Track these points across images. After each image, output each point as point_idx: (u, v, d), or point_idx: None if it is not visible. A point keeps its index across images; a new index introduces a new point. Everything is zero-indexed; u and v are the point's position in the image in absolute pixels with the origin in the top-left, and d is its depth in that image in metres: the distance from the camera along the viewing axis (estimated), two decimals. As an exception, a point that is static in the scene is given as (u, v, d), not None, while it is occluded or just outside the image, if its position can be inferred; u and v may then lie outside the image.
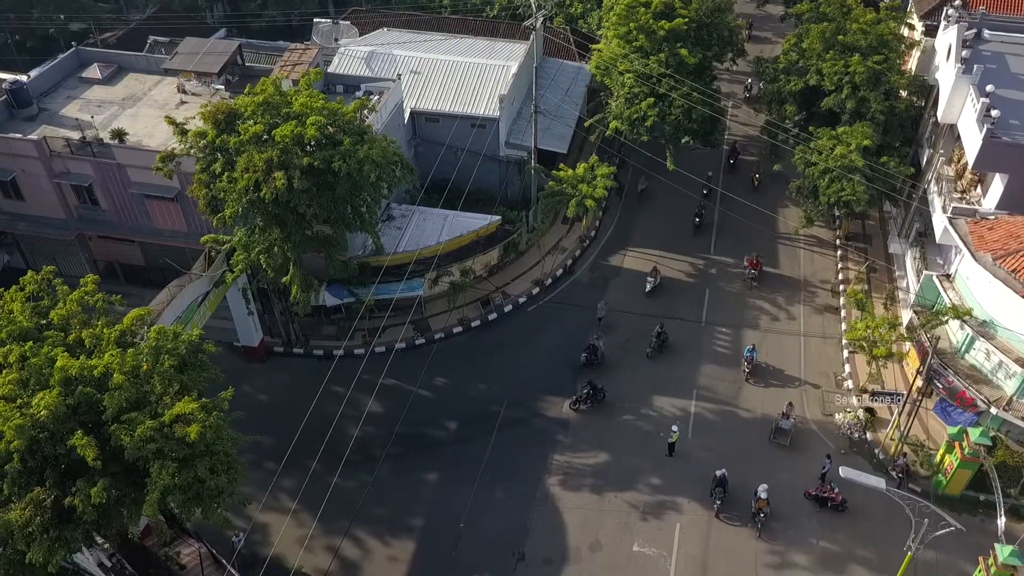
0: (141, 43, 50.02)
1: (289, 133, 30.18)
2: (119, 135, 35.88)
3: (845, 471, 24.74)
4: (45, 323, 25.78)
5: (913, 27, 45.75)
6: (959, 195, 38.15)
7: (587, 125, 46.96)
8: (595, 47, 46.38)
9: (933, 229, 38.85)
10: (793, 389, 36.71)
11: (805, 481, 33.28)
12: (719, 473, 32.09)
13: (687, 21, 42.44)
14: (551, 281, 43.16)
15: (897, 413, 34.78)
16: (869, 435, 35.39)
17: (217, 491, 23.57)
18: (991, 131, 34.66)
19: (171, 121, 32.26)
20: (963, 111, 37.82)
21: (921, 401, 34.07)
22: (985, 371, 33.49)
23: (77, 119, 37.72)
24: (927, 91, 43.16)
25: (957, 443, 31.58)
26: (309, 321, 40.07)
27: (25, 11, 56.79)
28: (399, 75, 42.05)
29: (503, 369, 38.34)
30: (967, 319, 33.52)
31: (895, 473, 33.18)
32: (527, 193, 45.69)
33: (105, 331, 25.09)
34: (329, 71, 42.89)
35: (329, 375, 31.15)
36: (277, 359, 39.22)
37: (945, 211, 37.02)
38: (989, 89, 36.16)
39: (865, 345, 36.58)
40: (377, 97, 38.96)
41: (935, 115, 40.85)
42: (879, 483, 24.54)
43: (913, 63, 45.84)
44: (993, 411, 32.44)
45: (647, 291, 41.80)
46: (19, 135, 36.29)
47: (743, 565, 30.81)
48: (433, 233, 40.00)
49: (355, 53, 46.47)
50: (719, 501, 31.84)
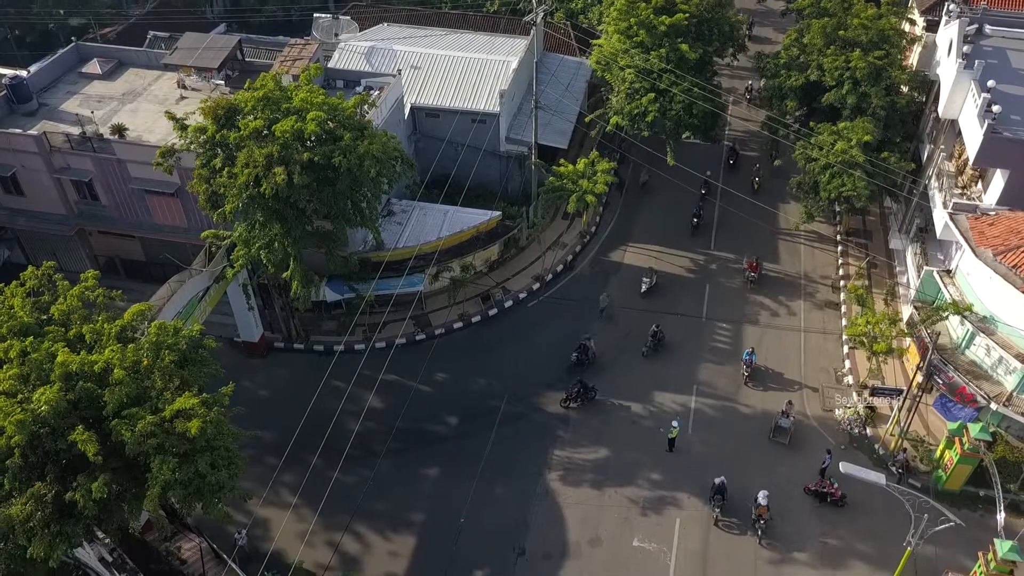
0: (141, 38, 49.98)
1: (289, 128, 30.15)
2: (119, 130, 35.85)
3: (845, 466, 24.78)
4: (46, 318, 25.81)
5: (914, 22, 45.66)
6: (960, 191, 38.11)
7: (587, 120, 46.94)
8: (596, 42, 46.31)
9: (934, 225, 38.84)
10: (793, 393, 36.58)
11: (805, 476, 33.29)
12: (718, 481, 31.78)
13: (688, 16, 42.37)
14: (551, 277, 43.16)
15: (897, 409, 34.79)
16: (869, 431, 35.41)
17: (218, 486, 23.61)
18: (992, 127, 34.63)
19: (171, 116, 32.25)
20: (964, 107, 37.78)
21: (921, 397, 34.09)
22: (985, 367, 33.51)
23: (77, 114, 37.66)
24: (928, 87, 43.11)
25: (957, 439, 31.61)
26: (309, 316, 40.10)
27: (25, 6, 56.72)
28: (399, 70, 42.02)
29: (503, 364, 38.36)
30: (967, 315, 33.52)
31: (895, 468, 33.22)
32: (527, 189, 45.69)
33: (106, 326, 25.13)
34: (329, 66, 42.90)
35: (329, 370, 31.24)
36: (277, 354, 39.26)
37: (946, 207, 37.02)
38: (990, 84, 36.15)
39: (865, 341, 36.60)
40: (377, 92, 38.91)
41: (936, 111, 40.80)
42: (879, 478, 24.59)
43: (914, 58, 45.77)
44: (993, 407, 32.47)
45: (643, 292, 41.57)
46: (19, 130, 36.25)
47: (743, 560, 30.86)
48: (433, 229, 39.99)
49: (355, 48, 46.42)
50: (718, 509, 31.60)
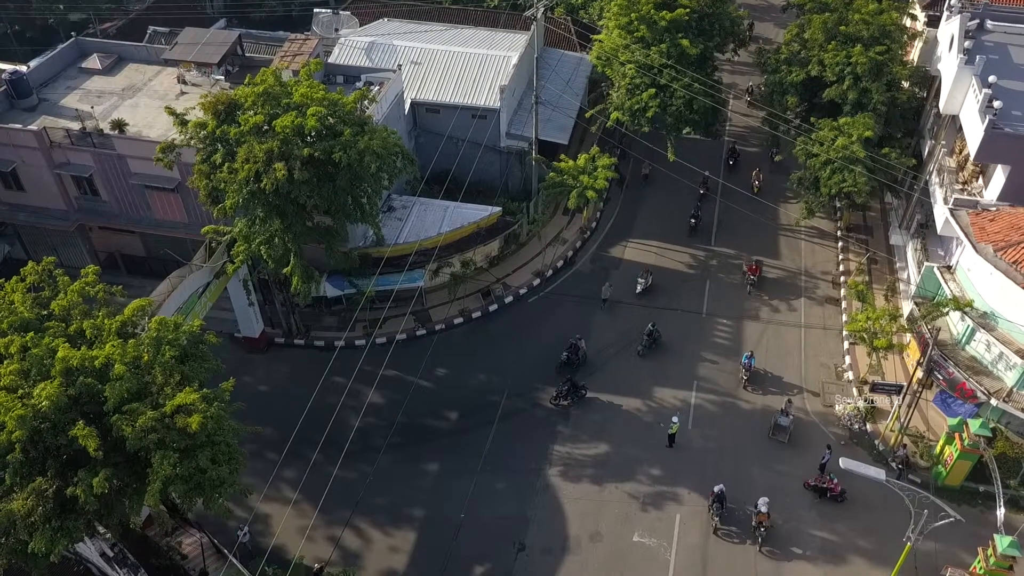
0: (141, 33, 49.96)
1: (289, 124, 30.11)
2: (119, 126, 35.85)
3: (845, 462, 24.82)
4: (46, 314, 25.82)
5: (915, 17, 45.53)
6: (960, 186, 38.07)
7: (588, 116, 46.86)
8: (596, 37, 46.21)
9: (934, 220, 38.78)
10: (793, 395, 36.49)
11: (805, 472, 33.34)
12: (717, 489, 31.54)
13: (688, 11, 42.28)
14: (552, 273, 43.14)
15: (897, 404, 34.82)
16: (869, 426, 35.43)
17: (218, 481, 23.65)
18: (993, 122, 34.56)
19: (171, 112, 32.21)
20: (965, 102, 37.70)
21: (921, 392, 34.11)
22: (985, 362, 33.51)
23: (77, 109, 37.66)
24: (929, 82, 43.01)
25: (957, 434, 31.64)
26: (310, 312, 40.12)
27: (25, 1, 56.63)
28: (399, 65, 41.96)
29: (503, 360, 38.37)
30: (968, 310, 33.51)
31: (895, 464, 33.25)
32: (528, 184, 45.66)
33: (106, 322, 25.15)
34: (329, 61, 42.86)
35: (330, 366, 31.21)
36: (278, 350, 39.27)
37: (946, 202, 36.97)
38: (991, 80, 36.02)
39: (866, 336, 36.65)
40: (377, 88, 38.85)
41: (937, 106, 40.73)
42: (879, 474, 24.63)
43: (915, 54, 45.65)
44: (993, 402, 32.47)
45: (637, 292, 41.24)
46: (19, 126, 36.24)
47: (743, 556, 30.90)
48: (434, 224, 39.97)
49: (355, 43, 46.31)
50: (717, 518, 31.35)
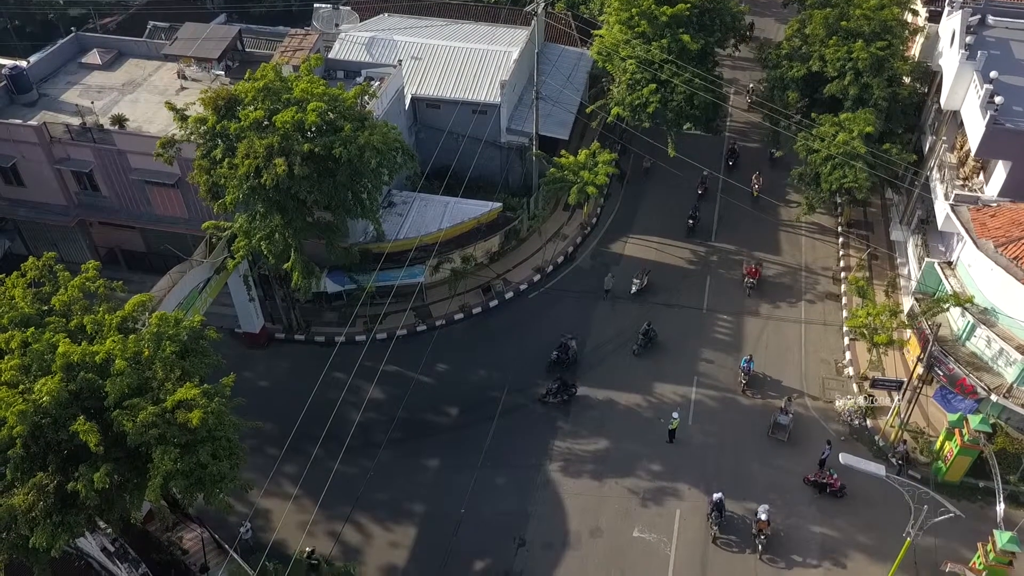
0: (141, 28, 49.79)
1: (290, 119, 30.07)
2: (119, 121, 35.76)
3: (845, 457, 24.79)
4: (47, 309, 25.78)
5: (917, 13, 45.48)
6: (961, 182, 38.02)
7: (589, 111, 46.80)
8: (597, 33, 46.14)
9: (935, 216, 38.77)
10: (793, 397, 36.41)
11: (805, 467, 33.36)
12: (715, 497, 31.38)
13: (689, 6, 42.20)
14: (552, 268, 43.13)
15: (897, 400, 34.83)
16: (869, 422, 35.46)
17: (219, 476, 23.66)
18: (994, 118, 34.52)
19: (171, 107, 32.13)
20: (966, 97, 37.65)
21: (921, 388, 34.12)
22: (986, 358, 33.52)
23: (77, 105, 37.52)
24: (930, 77, 42.97)
25: (957, 430, 31.65)
26: (310, 307, 40.11)
27: (24, -4, 56.61)
28: (400, 61, 41.87)
29: (504, 355, 38.39)
30: (968, 306, 33.50)
31: (895, 460, 33.28)
32: (528, 180, 45.61)
33: (107, 317, 25.11)
34: (330, 57, 42.68)
35: (330, 361, 31.23)
36: (278, 345, 39.29)
37: (947, 198, 36.94)
38: (993, 75, 35.97)
39: (866, 332, 36.62)
40: (378, 83, 38.78)
41: (938, 102, 40.66)
42: (879, 470, 24.60)
43: (916, 49, 45.59)
44: (993, 398, 32.50)
45: (632, 292, 41.00)
46: (19, 121, 36.13)
47: (742, 564, 30.78)
48: (434, 220, 39.92)
49: (356, 39, 46.25)
50: (716, 527, 31.16)
